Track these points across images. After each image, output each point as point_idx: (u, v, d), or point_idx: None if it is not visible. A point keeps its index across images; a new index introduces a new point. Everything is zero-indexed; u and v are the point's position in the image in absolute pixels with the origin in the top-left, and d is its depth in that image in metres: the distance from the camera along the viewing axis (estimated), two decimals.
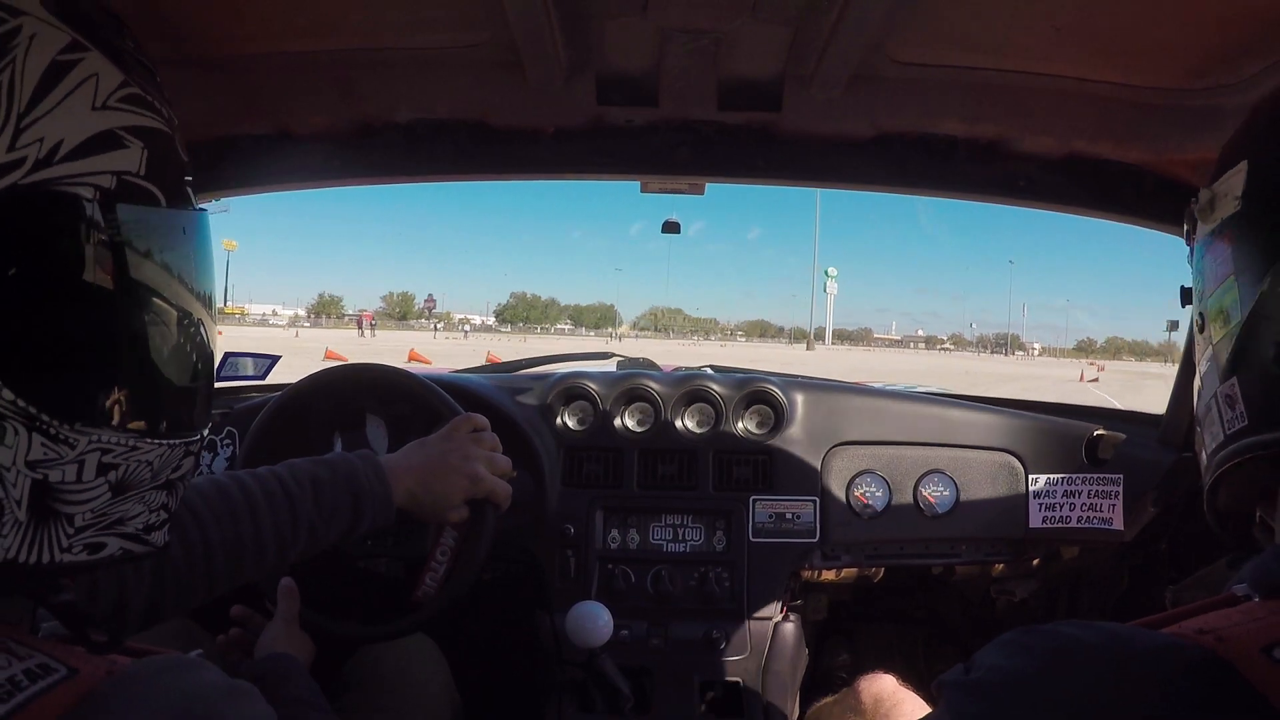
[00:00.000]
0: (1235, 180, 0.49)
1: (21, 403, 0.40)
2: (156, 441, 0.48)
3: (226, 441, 1.44)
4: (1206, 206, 0.52)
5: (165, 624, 1.06)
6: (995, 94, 0.95)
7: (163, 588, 0.74)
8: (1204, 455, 0.55)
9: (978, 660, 0.46)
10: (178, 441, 0.49)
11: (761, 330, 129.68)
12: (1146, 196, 1.08)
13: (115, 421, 0.45)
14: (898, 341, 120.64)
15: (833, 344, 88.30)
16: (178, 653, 0.44)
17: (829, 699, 1.18)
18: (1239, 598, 0.46)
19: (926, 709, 0.96)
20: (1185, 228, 0.59)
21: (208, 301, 0.51)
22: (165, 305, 0.47)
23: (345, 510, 0.85)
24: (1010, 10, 0.79)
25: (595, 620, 1.10)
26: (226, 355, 1.44)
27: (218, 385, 1.47)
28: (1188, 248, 0.59)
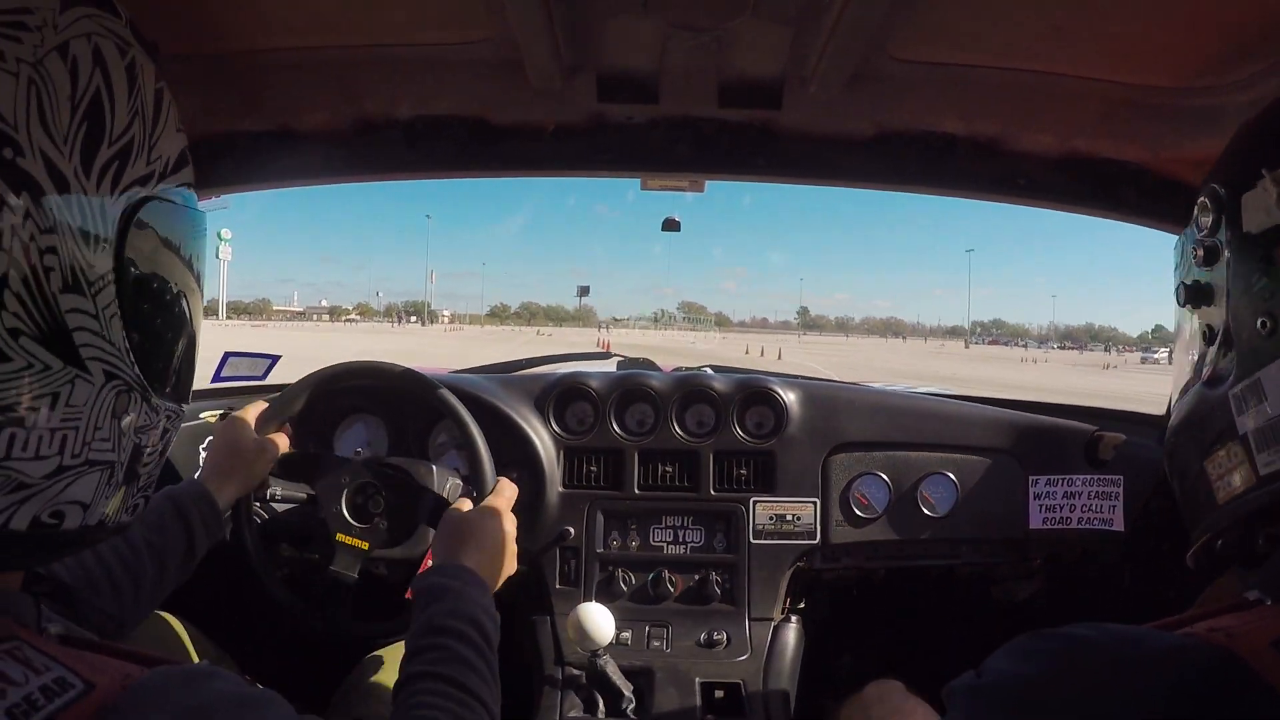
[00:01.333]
0: None
1: (141, 376, 0.47)
2: (182, 413, 0.54)
3: None
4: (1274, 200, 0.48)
5: (162, 627, 1.07)
6: (995, 93, 0.95)
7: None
8: (1235, 475, 0.50)
9: (989, 666, 0.47)
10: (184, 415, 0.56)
11: None
12: (1146, 195, 1.08)
13: (178, 392, 0.53)
14: (300, 314, 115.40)
15: (227, 319, 77.99)
16: (191, 663, 0.44)
17: (836, 706, 1.17)
18: (1252, 602, 0.46)
19: (936, 717, 0.96)
20: (1208, 215, 0.54)
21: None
22: (198, 294, 0.55)
23: (170, 522, 0.94)
24: (1010, 9, 0.79)
25: (598, 622, 1.09)
26: (226, 355, 1.44)
27: (219, 385, 1.47)
28: (1198, 246, 0.55)
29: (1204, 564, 0.57)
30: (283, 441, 1.13)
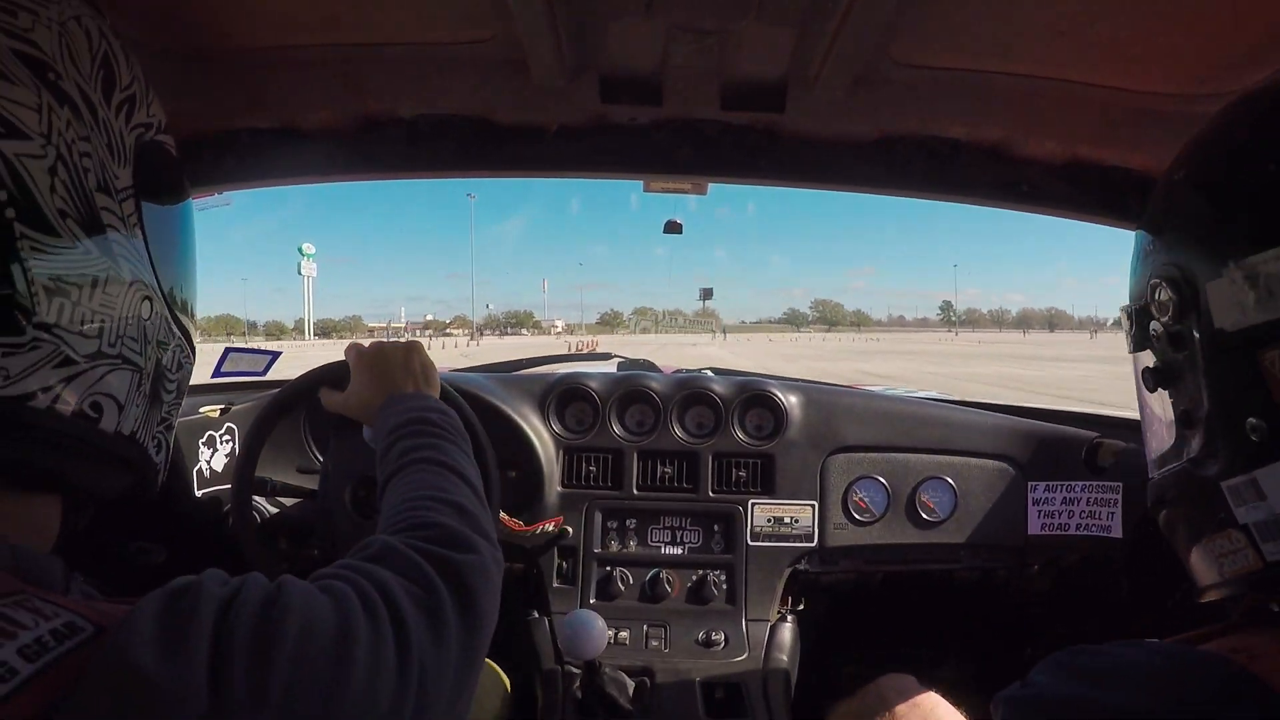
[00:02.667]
0: None
1: (159, 284, 0.53)
2: (192, 347, 0.59)
3: (226, 437, 1.44)
4: (1265, 291, 0.43)
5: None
6: (998, 98, 0.95)
7: None
8: (1238, 558, 0.49)
9: (1033, 678, 0.49)
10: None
11: None
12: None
13: (189, 321, 0.58)
14: (399, 329, 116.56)
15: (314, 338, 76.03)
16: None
17: (848, 701, 1.17)
18: (1276, 614, 0.47)
19: (957, 714, 0.97)
20: (1168, 296, 0.50)
21: None
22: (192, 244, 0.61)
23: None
24: (1014, 14, 0.79)
25: (589, 632, 1.09)
26: (227, 350, 1.44)
27: (219, 380, 1.47)
28: (1170, 322, 0.51)
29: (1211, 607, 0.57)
30: None
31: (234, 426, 1.45)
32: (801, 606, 1.41)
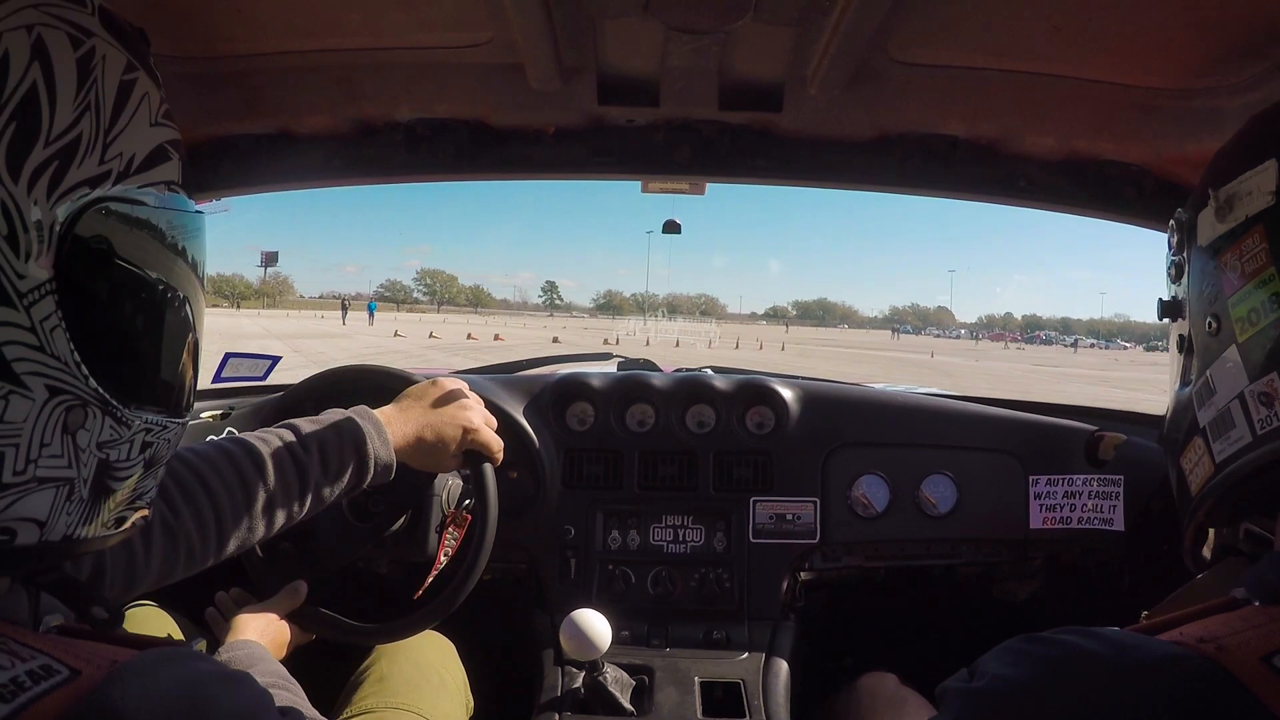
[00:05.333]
0: (1263, 177, 0.50)
1: (100, 389, 0.45)
2: (178, 421, 0.52)
3: None
4: (1224, 206, 0.52)
5: (164, 624, 1.07)
6: (996, 94, 0.95)
7: (176, 553, 0.78)
8: (1200, 467, 0.54)
9: (980, 667, 0.47)
10: (185, 420, 0.54)
11: None
12: (1147, 197, 1.07)
13: (157, 403, 0.50)
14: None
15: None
16: (176, 645, 0.45)
17: (831, 697, 1.17)
18: (1239, 601, 0.46)
19: (930, 709, 0.96)
20: (1175, 236, 0.59)
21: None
22: (190, 297, 0.52)
23: (350, 470, 0.89)
24: (1011, 11, 0.79)
25: (592, 631, 1.08)
26: (227, 356, 1.44)
27: (219, 386, 1.47)
28: (1171, 265, 0.60)
29: (1199, 565, 0.59)
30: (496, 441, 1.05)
31: (234, 431, 1.45)
32: (803, 604, 1.41)
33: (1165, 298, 0.61)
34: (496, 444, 1.03)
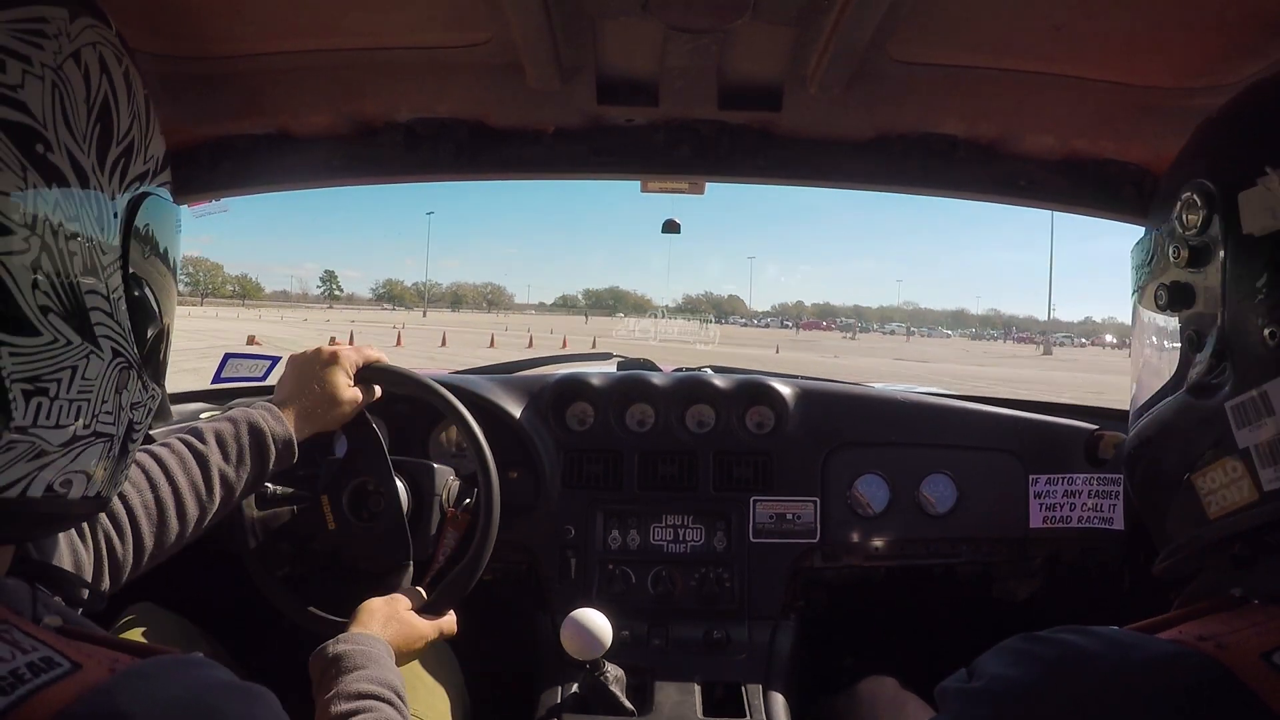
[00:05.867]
0: None
1: (139, 355, 0.51)
2: (160, 395, 0.57)
3: None
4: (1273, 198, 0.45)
5: (163, 624, 1.07)
6: (995, 93, 0.94)
7: (100, 564, 0.80)
8: (1231, 491, 0.48)
9: (979, 667, 0.46)
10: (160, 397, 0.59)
11: None
12: (1147, 196, 1.07)
13: (157, 376, 0.55)
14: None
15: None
16: (183, 653, 0.44)
17: (832, 699, 1.17)
18: (1237, 599, 0.46)
19: (929, 712, 0.96)
20: (1191, 213, 0.51)
21: None
22: (175, 286, 0.58)
23: (252, 456, 0.93)
24: (1010, 10, 0.79)
25: (593, 631, 1.08)
26: (227, 356, 1.44)
27: (219, 386, 1.47)
28: (1181, 245, 0.52)
29: (1174, 575, 0.55)
30: (375, 390, 1.11)
31: None
32: (803, 603, 1.41)
33: (1167, 282, 0.53)
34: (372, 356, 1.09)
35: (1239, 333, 0.48)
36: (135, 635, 1.02)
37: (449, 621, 1.04)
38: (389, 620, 0.95)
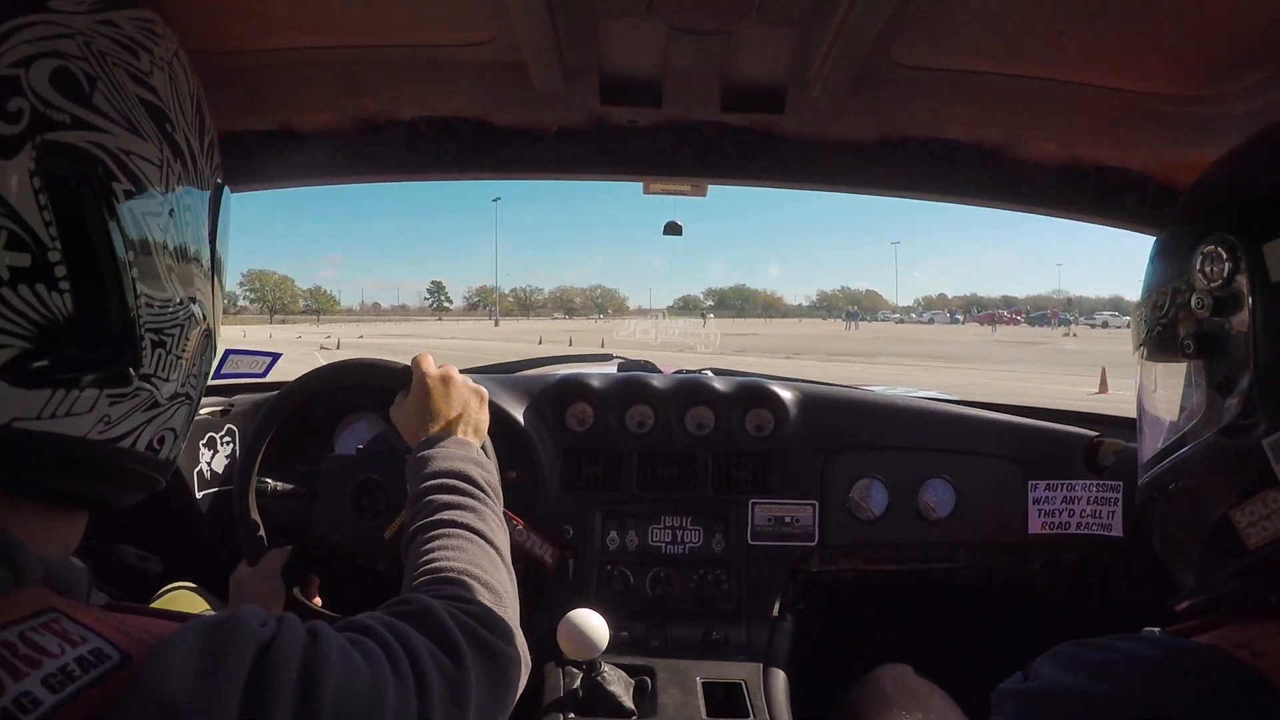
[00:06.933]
0: None
1: (212, 325, 0.55)
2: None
3: (227, 439, 1.44)
4: None
5: (193, 604, 1.09)
6: (998, 99, 0.94)
7: None
8: (1273, 521, 0.49)
9: (1035, 670, 0.49)
10: None
11: None
12: (1149, 203, 1.07)
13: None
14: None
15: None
16: (215, 613, 0.45)
17: (846, 689, 1.17)
18: (1274, 605, 0.47)
19: (951, 702, 0.97)
20: (1213, 265, 0.54)
21: None
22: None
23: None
24: (1014, 15, 0.79)
25: (591, 631, 1.08)
26: (227, 352, 1.44)
27: (220, 382, 1.47)
28: (1205, 296, 0.54)
29: (1199, 610, 0.56)
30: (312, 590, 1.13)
31: (234, 428, 1.45)
32: (802, 606, 1.41)
33: (1194, 330, 0.56)
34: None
35: (1274, 374, 0.51)
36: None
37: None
38: (427, 408, 0.91)
